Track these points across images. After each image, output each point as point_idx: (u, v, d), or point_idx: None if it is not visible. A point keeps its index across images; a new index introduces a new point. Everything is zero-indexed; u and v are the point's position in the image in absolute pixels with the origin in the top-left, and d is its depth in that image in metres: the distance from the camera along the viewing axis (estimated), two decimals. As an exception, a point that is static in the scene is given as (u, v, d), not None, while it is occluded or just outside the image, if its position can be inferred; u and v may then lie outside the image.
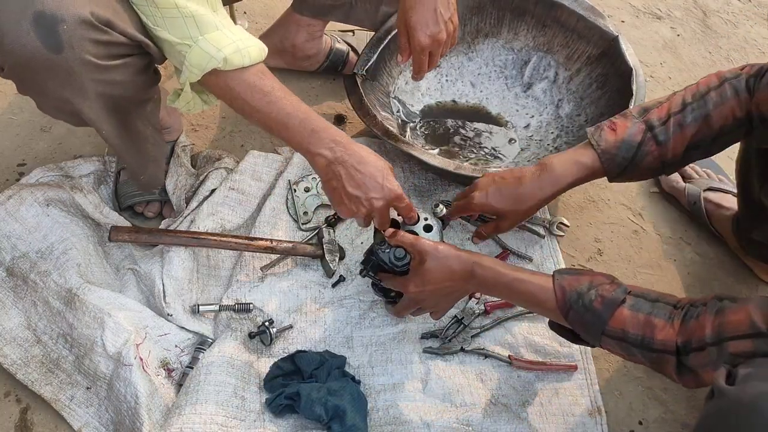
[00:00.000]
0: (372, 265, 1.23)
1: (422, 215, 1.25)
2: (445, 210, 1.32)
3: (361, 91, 1.49)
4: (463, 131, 1.67)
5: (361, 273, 1.27)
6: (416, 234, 1.22)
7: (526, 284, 1.09)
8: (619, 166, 1.18)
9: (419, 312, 1.25)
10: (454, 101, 1.72)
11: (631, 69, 1.50)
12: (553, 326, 1.17)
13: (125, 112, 1.15)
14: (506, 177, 1.24)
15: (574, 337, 1.12)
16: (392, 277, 1.21)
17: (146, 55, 1.10)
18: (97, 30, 0.99)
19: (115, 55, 1.03)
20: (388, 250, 1.19)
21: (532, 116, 1.68)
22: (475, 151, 1.63)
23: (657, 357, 0.98)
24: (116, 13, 1.02)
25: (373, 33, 1.60)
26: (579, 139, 1.59)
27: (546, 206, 1.54)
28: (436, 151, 1.62)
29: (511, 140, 1.65)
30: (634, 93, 1.45)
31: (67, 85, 1.01)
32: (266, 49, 1.14)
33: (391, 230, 1.19)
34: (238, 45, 1.07)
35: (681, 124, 1.14)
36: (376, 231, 1.24)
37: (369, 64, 1.54)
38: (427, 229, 1.24)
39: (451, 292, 1.18)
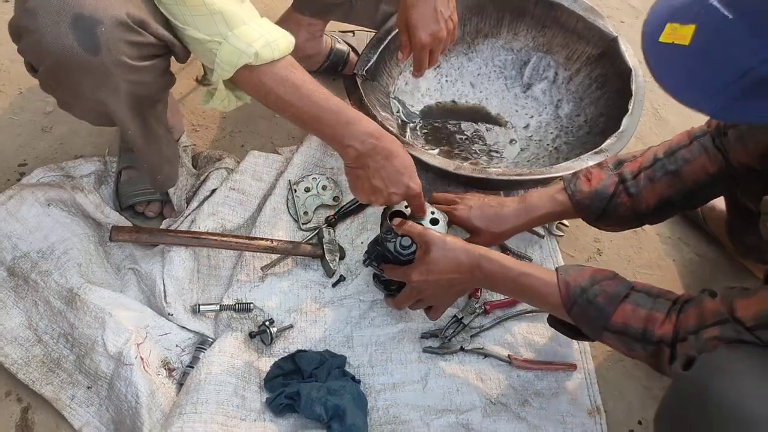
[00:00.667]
0: (376, 254, 1.23)
1: (429, 208, 1.26)
2: None
3: (362, 91, 1.49)
4: (463, 131, 1.67)
5: (364, 262, 1.28)
6: (423, 225, 1.23)
7: (531, 279, 1.11)
8: (593, 214, 1.24)
9: (419, 305, 1.24)
10: (453, 101, 1.72)
11: (631, 69, 1.50)
12: (552, 322, 1.19)
13: (143, 112, 1.15)
14: (491, 201, 1.29)
15: (573, 333, 1.13)
16: (396, 268, 1.21)
17: (169, 56, 1.11)
18: (133, 31, 1.00)
19: (145, 56, 1.05)
20: (394, 240, 1.20)
21: (532, 116, 1.68)
22: (475, 151, 1.63)
23: (655, 349, 1.00)
24: (148, 14, 1.03)
25: (374, 33, 1.60)
26: (578, 140, 1.59)
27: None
28: (436, 151, 1.62)
29: (511, 140, 1.65)
30: (633, 93, 1.46)
31: (102, 86, 1.02)
32: (293, 41, 1.13)
33: (398, 220, 1.20)
34: (267, 38, 1.07)
35: (651, 178, 1.19)
36: (382, 220, 1.25)
37: (369, 64, 1.54)
38: (434, 222, 1.25)
39: (454, 284, 1.18)
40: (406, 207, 1.25)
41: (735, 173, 1.15)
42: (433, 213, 1.26)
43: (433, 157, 1.40)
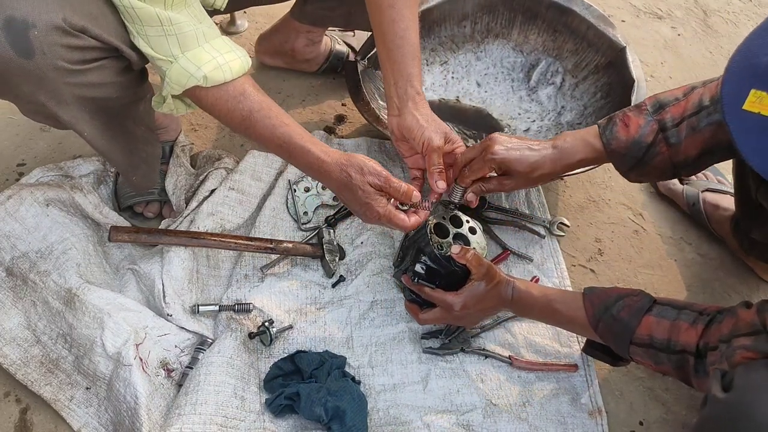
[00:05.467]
0: (427, 269, 1.20)
1: (463, 218, 1.27)
2: (456, 207, 1.31)
3: (360, 77, 1.49)
4: (462, 130, 1.66)
5: (413, 278, 1.22)
6: (464, 236, 1.24)
7: (558, 303, 1.15)
8: (627, 164, 1.17)
9: (441, 323, 1.28)
10: (457, 99, 1.71)
11: (634, 80, 1.49)
12: (589, 350, 1.22)
13: (113, 113, 1.13)
14: (522, 141, 1.21)
15: (611, 358, 1.16)
16: (441, 293, 1.20)
17: (123, 57, 1.08)
18: (70, 35, 0.97)
19: (89, 59, 1.02)
20: (448, 254, 1.18)
21: (534, 120, 1.68)
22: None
23: (679, 358, 1.00)
24: (93, 19, 1.00)
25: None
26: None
27: (546, 206, 1.55)
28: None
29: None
30: (632, 104, 1.45)
31: (40, 89, 1.00)
32: (249, 61, 1.13)
33: (458, 247, 1.18)
34: (218, 61, 1.07)
35: (694, 127, 1.10)
36: (428, 234, 1.20)
37: (371, 53, 1.53)
38: (472, 231, 1.26)
39: (488, 312, 1.24)
40: (444, 219, 1.24)
41: None
42: (468, 222, 1.26)
43: None
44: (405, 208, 1.20)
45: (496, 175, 1.25)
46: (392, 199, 1.19)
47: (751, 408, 0.82)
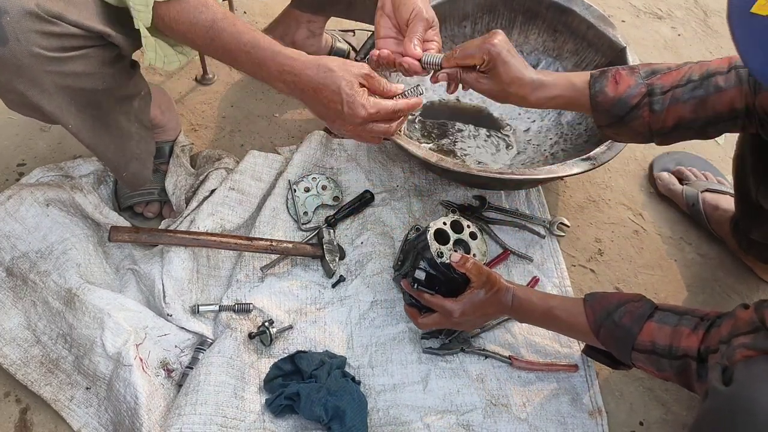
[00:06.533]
0: (427, 276, 1.21)
1: (464, 223, 1.27)
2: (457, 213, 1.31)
3: None
4: (461, 132, 1.66)
5: (413, 284, 1.23)
6: (465, 242, 1.24)
7: (558, 309, 1.15)
8: (606, 120, 1.16)
9: (440, 328, 1.28)
10: (457, 99, 1.71)
11: None
12: (590, 353, 1.22)
13: (103, 107, 1.12)
14: (522, 59, 1.19)
15: (612, 362, 1.16)
16: (441, 299, 1.20)
17: (112, 46, 1.06)
18: (45, 22, 0.96)
19: (70, 47, 1.00)
20: (448, 261, 1.18)
21: (534, 121, 1.67)
22: (469, 150, 1.62)
23: (681, 364, 1.00)
24: (71, 4, 0.99)
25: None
26: (575, 147, 1.57)
27: (546, 206, 1.55)
28: (430, 146, 1.61)
29: (508, 146, 1.64)
30: None
31: (18, 77, 0.98)
32: None
33: (458, 255, 1.18)
34: None
35: (678, 98, 1.11)
36: (432, 239, 1.21)
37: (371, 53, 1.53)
38: (473, 236, 1.26)
39: (488, 318, 1.26)
40: (444, 224, 1.24)
41: (758, 120, 1.09)
42: (469, 227, 1.26)
43: (417, 147, 1.37)
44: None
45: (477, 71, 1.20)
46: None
47: (751, 401, 0.82)
